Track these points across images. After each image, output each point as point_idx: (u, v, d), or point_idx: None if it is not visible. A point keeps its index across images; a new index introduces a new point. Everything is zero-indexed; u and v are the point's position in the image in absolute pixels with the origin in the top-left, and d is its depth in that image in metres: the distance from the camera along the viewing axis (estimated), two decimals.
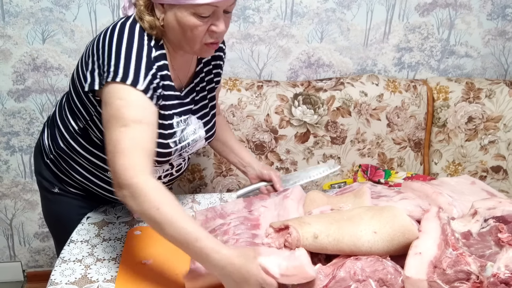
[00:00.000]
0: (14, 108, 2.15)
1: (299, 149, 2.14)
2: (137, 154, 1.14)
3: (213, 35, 1.24)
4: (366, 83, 2.15)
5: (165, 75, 1.28)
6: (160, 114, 1.28)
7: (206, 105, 1.46)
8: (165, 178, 1.48)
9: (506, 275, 1.02)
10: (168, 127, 1.32)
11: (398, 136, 2.19)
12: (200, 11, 1.18)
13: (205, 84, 1.45)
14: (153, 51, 1.24)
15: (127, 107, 1.17)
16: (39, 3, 2.00)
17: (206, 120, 1.45)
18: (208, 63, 1.46)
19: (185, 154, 1.43)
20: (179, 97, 1.35)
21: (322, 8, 2.13)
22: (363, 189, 1.39)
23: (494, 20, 2.24)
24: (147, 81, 1.21)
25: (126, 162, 1.12)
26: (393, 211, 1.20)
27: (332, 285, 1.10)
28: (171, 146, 1.33)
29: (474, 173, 2.22)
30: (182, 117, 1.36)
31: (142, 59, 1.21)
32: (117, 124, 1.16)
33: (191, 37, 1.22)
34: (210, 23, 1.21)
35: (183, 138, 1.37)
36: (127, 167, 1.12)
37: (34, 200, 2.32)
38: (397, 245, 1.16)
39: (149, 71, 1.21)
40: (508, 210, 1.14)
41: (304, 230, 1.17)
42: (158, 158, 1.32)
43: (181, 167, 1.51)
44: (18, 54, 2.06)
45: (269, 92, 2.10)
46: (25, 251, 2.45)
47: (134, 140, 1.15)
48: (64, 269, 1.26)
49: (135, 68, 1.19)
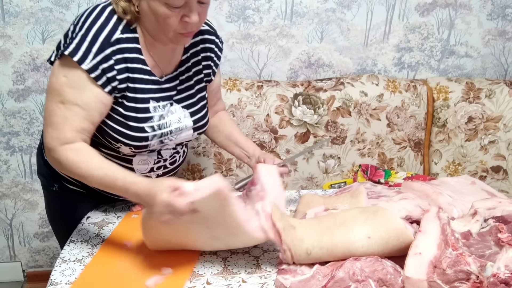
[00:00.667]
0: (14, 108, 2.15)
1: (299, 149, 2.14)
2: (66, 129, 1.25)
3: (186, 25, 1.25)
4: (366, 83, 2.15)
5: (135, 58, 1.30)
6: (130, 97, 1.31)
7: (192, 95, 1.45)
8: (159, 170, 1.48)
9: (506, 275, 1.02)
10: (142, 111, 1.33)
11: (398, 136, 2.19)
12: (171, 2, 1.19)
13: (191, 74, 1.45)
14: (117, 33, 1.27)
15: (69, 87, 1.25)
16: (39, 3, 2.00)
17: (193, 110, 1.45)
18: (196, 54, 1.45)
19: (169, 142, 1.42)
20: (157, 82, 1.36)
21: (322, 8, 2.13)
22: (360, 189, 1.39)
23: (494, 20, 2.24)
24: (95, 62, 1.24)
25: (55, 134, 1.26)
26: (386, 214, 1.20)
27: (331, 285, 1.10)
28: (147, 131, 1.34)
29: (474, 173, 2.22)
30: (161, 103, 1.37)
31: (97, 40, 1.24)
32: (56, 99, 1.26)
33: (163, 26, 1.24)
34: (183, 14, 1.22)
35: (165, 125, 1.37)
36: (55, 138, 1.26)
37: (34, 200, 2.32)
38: (392, 249, 1.17)
39: (101, 52, 1.24)
40: (508, 210, 1.14)
41: (297, 248, 1.18)
42: (135, 142, 1.34)
43: (175, 160, 1.51)
44: (18, 54, 2.06)
45: (269, 92, 2.10)
46: (25, 251, 2.45)
47: (66, 118, 1.25)
48: (64, 269, 1.26)
49: (87, 46, 1.24)
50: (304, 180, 2.18)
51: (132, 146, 1.35)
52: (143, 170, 1.45)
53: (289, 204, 1.56)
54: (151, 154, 1.43)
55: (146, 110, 1.34)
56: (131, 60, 1.30)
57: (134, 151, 1.38)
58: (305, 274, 1.16)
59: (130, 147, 1.35)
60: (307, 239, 1.18)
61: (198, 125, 1.47)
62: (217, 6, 2.08)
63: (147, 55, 1.33)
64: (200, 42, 1.46)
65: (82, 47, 1.24)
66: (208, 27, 1.48)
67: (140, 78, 1.32)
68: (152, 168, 1.46)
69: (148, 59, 1.33)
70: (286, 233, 1.20)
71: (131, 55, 1.30)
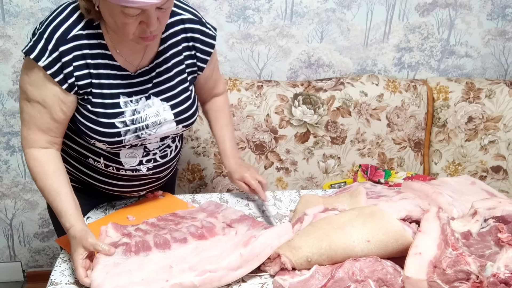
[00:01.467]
0: (14, 108, 2.15)
1: (299, 149, 2.14)
2: (32, 129, 1.30)
3: (145, 30, 1.22)
4: (366, 83, 2.15)
5: (98, 54, 1.29)
6: (96, 93, 1.31)
7: (172, 87, 1.41)
8: (149, 164, 1.46)
9: (506, 275, 1.02)
10: (111, 106, 1.32)
11: (398, 136, 2.19)
12: (126, 11, 1.17)
13: (170, 66, 1.40)
14: (75, 29, 1.26)
15: (30, 85, 1.28)
16: (39, 3, 2.00)
17: (174, 103, 1.41)
18: (176, 44, 1.41)
19: (149, 137, 1.39)
20: (127, 77, 1.34)
21: (322, 8, 2.13)
22: (359, 189, 1.39)
23: (494, 20, 2.23)
24: (51, 59, 1.25)
25: (24, 134, 1.32)
26: (384, 217, 1.19)
27: (331, 285, 1.10)
28: (117, 126, 1.33)
29: (474, 173, 2.22)
30: (134, 97, 1.35)
31: (53, 37, 1.25)
32: (23, 96, 1.31)
33: (122, 30, 1.23)
34: (141, 20, 1.20)
35: (140, 120, 1.35)
36: (23, 137, 1.32)
37: (34, 200, 2.32)
38: (391, 251, 1.17)
39: (56, 50, 1.25)
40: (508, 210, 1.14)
41: (297, 257, 1.18)
42: (106, 138, 1.33)
43: (166, 154, 1.49)
44: (18, 54, 2.06)
45: (269, 92, 2.10)
46: (25, 251, 2.45)
47: (31, 116, 1.30)
48: (64, 269, 1.26)
49: (43, 44, 1.25)
50: (304, 180, 2.18)
51: (105, 142, 1.34)
52: (132, 163, 1.44)
53: (289, 204, 1.56)
54: (137, 148, 1.42)
55: (115, 105, 1.33)
56: (92, 56, 1.29)
57: (109, 146, 1.36)
58: (303, 274, 1.16)
59: (104, 143, 1.35)
60: (305, 247, 1.18)
61: (180, 117, 1.42)
62: (217, 6, 2.08)
63: (114, 51, 1.32)
64: (181, 32, 1.41)
65: (39, 45, 1.25)
66: (190, 15, 1.42)
67: (106, 74, 1.31)
68: (141, 161, 1.44)
69: (116, 55, 1.32)
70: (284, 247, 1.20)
71: (92, 51, 1.29)
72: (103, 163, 1.43)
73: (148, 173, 1.48)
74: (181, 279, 1.12)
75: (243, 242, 1.21)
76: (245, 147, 2.12)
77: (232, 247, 1.23)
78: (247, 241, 1.20)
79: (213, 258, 1.20)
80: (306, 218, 1.31)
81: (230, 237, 1.30)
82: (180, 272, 1.15)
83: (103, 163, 1.43)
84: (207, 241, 1.30)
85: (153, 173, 1.49)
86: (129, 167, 1.44)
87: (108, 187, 1.50)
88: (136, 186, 1.52)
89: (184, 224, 1.36)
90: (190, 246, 1.27)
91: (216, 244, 1.28)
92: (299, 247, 1.18)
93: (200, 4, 2.07)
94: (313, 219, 1.29)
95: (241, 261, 1.17)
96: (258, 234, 1.22)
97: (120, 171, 1.44)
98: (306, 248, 1.18)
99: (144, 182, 1.51)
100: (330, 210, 1.32)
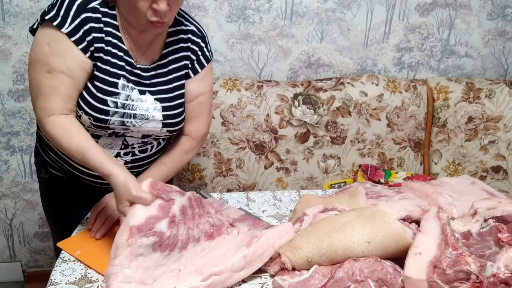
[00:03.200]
0: (14, 108, 2.15)
1: (299, 149, 2.14)
2: (54, 99, 1.29)
3: (156, 13, 1.26)
4: (366, 83, 2.15)
5: (111, 33, 1.33)
6: (101, 67, 1.33)
7: (169, 91, 1.43)
8: (126, 157, 1.46)
9: (506, 275, 1.02)
10: (109, 84, 1.34)
11: (398, 136, 2.19)
12: None
13: (169, 70, 1.44)
14: (94, 2, 1.31)
15: (53, 55, 1.28)
16: (39, 3, 2.00)
17: (167, 106, 1.42)
18: (177, 51, 1.44)
19: (133, 128, 1.39)
20: (131, 65, 1.37)
21: (322, 8, 2.13)
22: (358, 189, 1.38)
23: (494, 20, 2.24)
24: (74, 25, 1.27)
25: (43, 105, 1.29)
26: (384, 218, 1.19)
27: (331, 285, 1.10)
28: (109, 105, 1.34)
29: (474, 173, 2.22)
30: (131, 84, 1.37)
31: (74, 4, 1.28)
32: (43, 69, 1.29)
33: (134, 10, 1.27)
34: (153, 1, 1.25)
35: (129, 107, 1.37)
36: (43, 109, 1.30)
37: (34, 200, 2.32)
38: (391, 253, 1.17)
39: (78, 17, 1.28)
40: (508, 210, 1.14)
41: (297, 257, 1.18)
42: (95, 113, 1.34)
43: (146, 149, 1.49)
44: (18, 54, 2.06)
45: (269, 92, 2.10)
46: (25, 251, 2.45)
47: (54, 87, 1.29)
48: (64, 269, 1.26)
49: (65, 10, 1.28)
50: (304, 180, 2.18)
51: (91, 116, 1.35)
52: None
53: (289, 204, 1.56)
54: (116, 139, 1.42)
55: (114, 84, 1.35)
56: (107, 33, 1.32)
57: (93, 123, 1.36)
58: (303, 274, 1.16)
59: (90, 117, 1.35)
60: (305, 247, 1.18)
61: (168, 121, 1.43)
62: (217, 6, 2.08)
63: (124, 35, 1.35)
64: (182, 41, 1.45)
65: (61, 11, 1.27)
66: (194, 28, 1.47)
67: (114, 53, 1.34)
68: (118, 153, 1.45)
69: (125, 40, 1.36)
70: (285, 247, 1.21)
71: (108, 28, 1.32)
72: None
73: (126, 166, 1.47)
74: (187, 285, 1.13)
75: (246, 243, 1.21)
76: (245, 147, 2.12)
77: (235, 247, 1.23)
78: (249, 241, 1.21)
79: (218, 259, 1.20)
80: (306, 218, 1.31)
81: (233, 237, 1.30)
82: (187, 276, 1.16)
83: None
84: (214, 240, 1.30)
85: (131, 167, 1.49)
86: None
87: (89, 179, 1.50)
88: None
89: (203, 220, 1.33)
90: (200, 247, 1.27)
91: (221, 244, 1.28)
92: (300, 247, 1.18)
93: (200, 4, 2.07)
94: (313, 219, 1.29)
95: (244, 262, 1.18)
96: (260, 234, 1.22)
97: None
98: (307, 248, 1.18)
99: None
100: (330, 210, 1.32)
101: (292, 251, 1.19)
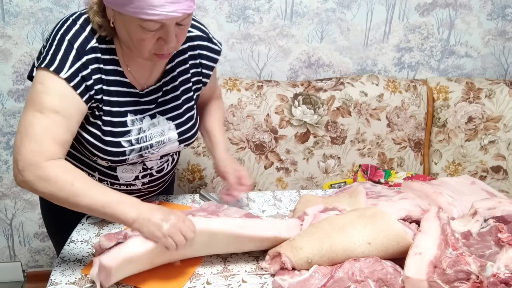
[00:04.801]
0: (14, 108, 2.15)
1: (299, 149, 2.14)
2: (47, 142, 1.16)
3: (162, 47, 1.19)
4: (366, 83, 2.15)
5: (112, 70, 1.25)
6: (106, 110, 1.26)
7: (178, 107, 1.38)
8: (144, 179, 1.44)
9: (506, 275, 1.02)
10: (118, 125, 1.29)
11: (398, 136, 2.19)
12: (146, 26, 1.13)
13: (177, 84, 1.38)
14: (93, 41, 1.22)
15: (46, 94, 1.17)
16: (39, 3, 2.00)
17: (179, 122, 1.39)
18: (184, 62, 1.38)
19: (151, 156, 1.37)
20: (136, 95, 1.31)
21: (322, 8, 2.13)
22: (358, 189, 1.38)
23: (494, 20, 2.24)
24: (73, 70, 1.18)
25: (35, 148, 1.15)
26: (385, 219, 1.19)
27: (331, 285, 1.11)
28: (123, 145, 1.29)
29: (474, 173, 2.22)
30: (139, 116, 1.32)
31: (72, 48, 1.19)
32: (34, 108, 1.17)
33: (138, 47, 1.19)
34: (159, 36, 1.17)
35: (144, 139, 1.32)
36: (36, 153, 1.14)
37: (34, 200, 2.32)
38: (392, 254, 1.17)
39: (78, 60, 1.19)
40: (508, 210, 1.14)
41: (297, 258, 1.18)
42: (111, 157, 1.30)
43: (162, 168, 1.46)
44: (18, 54, 2.07)
45: (269, 92, 2.10)
46: (25, 251, 2.45)
47: (46, 129, 1.16)
48: (64, 269, 1.26)
49: (62, 54, 1.18)
50: (304, 180, 2.18)
51: (108, 160, 1.31)
52: (128, 178, 1.41)
53: (289, 204, 1.56)
54: (135, 165, 1.39)
55: (123, 124, 1.29)
56: (106, 72, 1.24)
57: (111, 165, 1.33)
58: (303, 274, 1.16)
59: (107, 161, 1.31)
60: (306, 247, 1.18)
61: (183, 137, 1.40)
62: (217, 6, 2.08)
63: (125, 68, 1.28)
64: (188, 50, 1.38)
65: (58, 56, 1.18)
66: (198, 31, 1.40)
67: (116, 91, 1.27)
68: (137, 176, 1.42)
69: (126, 72, 1.28)
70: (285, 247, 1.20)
71: (106, 66, 1.24)
72: (98, 177, 1.40)
73: (143, 187, 1.46)
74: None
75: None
76: (245, 147, 2.12)
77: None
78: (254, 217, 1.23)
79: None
80: (306, 218, 1.31)
81: None
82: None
83: (97, 177, 1.40)
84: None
85: (147, 187, 1.47)
86: (124, 182, 1.41)
87: None
88: None
89: None
90: None
91: None
92: (300, 248, 1.18)
93: (200, 4, 2.07)
94: (313, 219, 1.29)
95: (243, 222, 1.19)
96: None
97: (115, 185, 1.41)
98: (307, 249, 1.18)
99: (136, 195, 1.46)
100: (330, 210, 1.32)
101: (293, 251, 1.18)
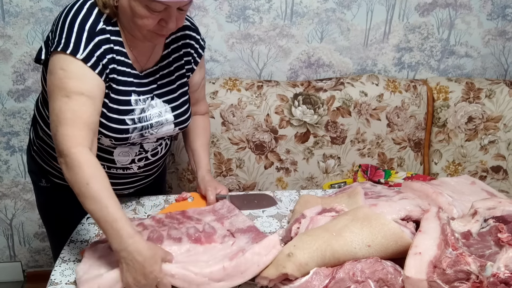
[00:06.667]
0: (14, 108, 2.15)
1: (299, 149, 2.14)
2: (78, 126, 1.20)
3: (162, 28, 1.27)
4: (366, 83, 2.15)
5: (118, 51, 1.32)
6: (114, 88, 1.32)
7: (173, 90, 1.45)
8: (140, 162, 1.48)
9: (506, 275, 1.02)
10: (124, 103, 1.34)
11: (398, 136, 2.19)
12: (152, 6, 1.21)
13: (172, 69, 1.45)
14: (100, 24, 1.28)
15: (69, 78, 1.22)
16: (39, 3, 2.00)
17: (174, 105, 1.45)
18: (178, 49, 1.46)
19: (150, 136, 1.42)
20: (137, 76, 1.37)
21: (322, 8, 2.13)
22: (357, 189, 1.38)
23: (494, 20, 2.23)
24: (88, 50, 1.24)
25: (67, 132, 1.19)
26: (380, 220, 1.19)
27: (332, 286, 1.11)
28: (127, 123, 1.35)
29: (474, 173, 2.22)
30: (142, 97, 1.38)
31: (84, 29, 1.25)
32: (60, 94, 1.21)
33: (139, 25, 1.25)
34: (161, 18, 1.24)
35: (145, 118, 1.38)
36: (67, 137, 1.19)
37: (34, 200, 2.30)
38: (391, 253, 1.17)
39: (91, 41, 1.25)
40: (508, 210, 1.14)
41: (304, 273, 1.14)
42: (115, 134, 1.34)
43: (157, 152, 1.51)
44: (18, 54, 2.07)
45: (269, 92, 2.10)
46: (25, 251, 2.45)
47: (75, 112, 1.21)
48: (64, 269, 1.26)
49: (75, 37, 1.24)
50: (304, 180, 2.18)
51: (112, 138, 1.35)
52: (124, 161, 1.45)
53: (289, 204, 1.56)
54: (133, 147, 1.43)
55: (127, 102, 1.35)
56: (116, 52, 1.31)
57: (115, 143, 1.38)
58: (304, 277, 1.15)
59: (111, 139, 1.35)
60: (311, 262, 1.15)
61: (178, 120, 1.47)
62: (217, 6, 2.08)
63: (128, 49, 1.35)
64: (181, 38, 1.46)
65: (72, 38, 1.24)
66: (189, 23, 1.49)
67: (123, 71, 1.34)
68: (133, 159, 1.46)
69: (129, 53, 1.35)
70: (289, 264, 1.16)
71: (115, 47, 1.31)
72: None
73: (139, 171, 1.50)
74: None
75: (232, 255, 1.18)
76: (245, 147, 2.12)
77: (220, 257, 1.21)
78: (234, 255, 1.18)
79: (200, 264, 1.19)
80: (303, 220, 1.30)
81: (226, 247, 1.28)
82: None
83: None
84: (201, 246, 1.29)
85: (143, 171, 1.52)
86: (120, 166, 1.45)
87: None
88: (125, 184, 1.53)
89: (187, 225, 1.36)
90: (184, 247, 1.27)
91: (209, 251, 1.27)
92: (306, 264, 1.15)
93: (200, 4, 2.07)
94: (310, 221, 1.28)
95: (223, 274, 1.15)
96: (246, 249, 1.19)
97: (111, 169, 1.45)
98: (312, 264, 1.15)
99: (133, 179, 1.53)
100: (328, 211, 1.32)
101: (300, 269, 1.14)
